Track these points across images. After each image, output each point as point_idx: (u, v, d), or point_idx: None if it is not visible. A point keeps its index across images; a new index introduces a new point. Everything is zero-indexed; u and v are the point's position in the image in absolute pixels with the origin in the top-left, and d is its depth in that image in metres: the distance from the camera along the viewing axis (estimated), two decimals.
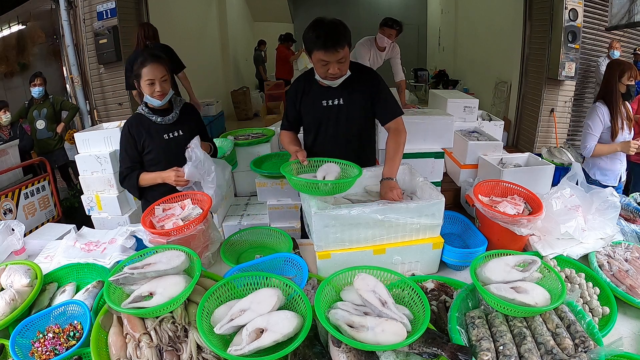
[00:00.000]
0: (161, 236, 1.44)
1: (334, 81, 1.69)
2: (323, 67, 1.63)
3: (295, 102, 1.85)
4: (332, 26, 1.58)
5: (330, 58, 1.59)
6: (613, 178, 2.55)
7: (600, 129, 2.42)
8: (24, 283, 1.32)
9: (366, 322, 0.98)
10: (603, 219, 1.52)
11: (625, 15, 4.07)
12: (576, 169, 1.79)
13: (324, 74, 1.66)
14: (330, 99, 1.80)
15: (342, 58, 1.61)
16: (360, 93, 1.80)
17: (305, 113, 1.86)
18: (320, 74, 1.68)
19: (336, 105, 1.80)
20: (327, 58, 1.59)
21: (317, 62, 1.63)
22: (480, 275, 1.15)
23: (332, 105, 1.80)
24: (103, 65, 4.16)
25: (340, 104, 1.80)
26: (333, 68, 1.62)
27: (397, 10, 9.92)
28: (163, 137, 1.82)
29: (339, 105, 1.80)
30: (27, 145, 3.94)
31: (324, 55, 1.58)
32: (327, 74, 1.65)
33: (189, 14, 6.58)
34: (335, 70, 1.62)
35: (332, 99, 1.80)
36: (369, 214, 1.34)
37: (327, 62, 1.61)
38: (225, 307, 1.08)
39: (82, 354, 1.09)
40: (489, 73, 6.11)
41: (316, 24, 1.60)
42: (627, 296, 1.26)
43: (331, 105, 1.80)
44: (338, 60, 1.60)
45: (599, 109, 2.42)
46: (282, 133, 1.94)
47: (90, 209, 2.88)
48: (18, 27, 5.58)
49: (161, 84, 1.72)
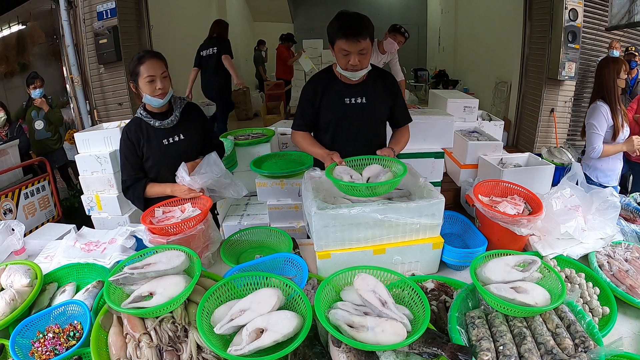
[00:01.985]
0: (161, 236, 1.44)
1: (354, 73, 1.69)
2: (344, 58, 1.65)
3: (314, 100, 1.82)
4: (355, 17, 1.61)
5: (352, 48, 1.60)
6: (614, 178, 2.55)
7: (604, 128, 2.38)
8: (24, 283, 1.32)
9: (366, 322, 0.98)
10: (603, 219, 1.52)
11: (625, 15, 4.07)
12: (576, 169, 1.79)
13: (344, 65, 1.67)
14: (352, 96, 1.80)
15: (364, 49, 1.62)
16: (382, 94, 1.83)
17: (325, 111, 1.84)
18: (341, 65, 1.68)
19: (359, 104, 1.80)
20: (349, 48, 1.60)
21: (339, 51, 1.64)
22: (480, 275, 1.15)
23: (355, 103, 1.80)
24: (103, 65, 4.16)
25: (363, 103, 1.80)
26: (354, 59, 1.63)
27: (397, 10, 9.94)
28: (162, 142, 1.74)
29: (361, 104, 1.80)
30: (24, 146, 3.93)
31: (345, 44, 1.60)
32: (348, 65, 1.66)
33: (189, 14, 6.58)
34: (355, 61, 1.63)
35: (354, 97, 1.79)
36: (369, 214, 1.33)
37: (348, 53, 1.62)
38: (225, 307, 1.08)
39: (82, 354, 1.09)
40: (489, 73, 6.12)
41: (340, 15, 1.63)
42: (627, 296, 1.26)
43: (354, 103, 1.80)
44: (359, 52, 1.62)
45: (602, 108, 2.38)
46: (297, 134, 1.89)
47: (90, 209, 2.88)
48: (18, 27, 5.58)
49: (162, 80, 1.63)
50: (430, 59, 10.22)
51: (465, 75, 7.66)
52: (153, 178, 1.78)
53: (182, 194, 1.67)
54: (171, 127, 1.75)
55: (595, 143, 2.39)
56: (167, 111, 1.76)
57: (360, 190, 1.44)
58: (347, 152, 1.72)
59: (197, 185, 1.66)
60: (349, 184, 1.46)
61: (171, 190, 1.70)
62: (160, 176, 1.77)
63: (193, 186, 1.65)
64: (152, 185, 1.75)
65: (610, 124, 2.39)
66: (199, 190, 1.67)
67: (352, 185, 1.46)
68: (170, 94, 1.72)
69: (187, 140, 1.78)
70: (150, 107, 1.73)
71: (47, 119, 4.02)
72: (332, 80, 1.81)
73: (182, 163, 1.68)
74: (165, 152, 1.74)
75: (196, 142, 1.84)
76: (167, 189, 1.71)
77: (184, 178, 1.65)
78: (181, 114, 1.77)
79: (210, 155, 1.76)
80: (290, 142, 3.21)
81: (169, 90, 1.68)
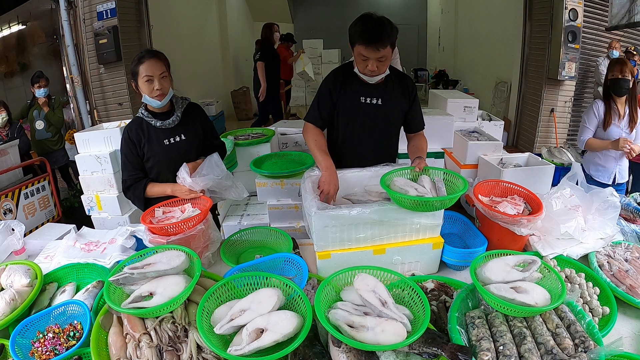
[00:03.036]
0: (161, 236, 1.44)
1: (371, 77, 1.68)
2: (362, 62, 1.63)
3: (333, 92, 1.80)
4: (379, 23, 1.57)
5: (370, 55, 1.59)
6: (607, 176, 2.66)
7: (594, 123, 2.58)
8: (24, 283, 1.32)
9: (366, 322, 0.98)
10: (603, 219, 1.52)
11: (626, 15, 4.07)
12: (576, 169, 1.79)
13: (362, 69, 1.66)
14: (369, 96, 1.78)
15: (383, 57, 1.60)
16: (399, 97, 1.81)
17: (341, 106, 1.81)
18: (359, 68, 1.68)
19: (374, 105, 1.78)
20: (367, 54, 1.59)
21: (358, 55, 1.63)
22: (480, 275, 1.15)
23: (371, 103, 1.78)
24: (103, 65, 4.16)
25: (379, 104, 1.78)
26: (372, 65, 1.62)
27: (397, 10, 9.94)
28: (163, 142, 1.73)
29: (377, 105, 1.79)
30: (24, 146, 3.92)
31: (364, 50, 1.58)
32: (366, 69, 1.65)
33: (189, 14, 6.58)
34: (374, 67, 1.62)
35: (371, 97, 1.78)
36: (368, 214, 1.33)
37: (366, 58, 1.61)
38: (225, 307, 1.08)
39: (82, 354, 1.09)
40: (489, 73, 6.12)
41: (364, 18, 1.60)
42: (627, 296, 1.26)
43: (369, 103, 1.78)
44: (378, 59, 1.60)
45: (595, 105, 2.60)
46: (309, 128, 1.82)
47: (90, 209, 2.88)
48: (18, 27, 5.58)
49: (160, 81, 1.61)
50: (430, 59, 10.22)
51: (465, 75, 7.66)
52: (154, 178, 1.78)
53: (183, 194, 1.67)
54: (172, 127, 1.74)
55: (581, 135, 2.65)
56: (169, 111, 1.76)
57: (434, 204, 1.35)
58: (355, 151, 1.72)
59: (198, 187, 1.66)
60: (420, 198, 1.33)
61: (172, 190, 1.69)
62: (161, 176, 1.77)
63: (194, 187, 1.65)
64: (152, 185, 1.74)
65: (601, 119, 2.57)
66: (199, 192, 1.67)
67: (425, 200, 1.33)
68: (170, 95, 1.70)
69: (188, 140, 1.78)
70: (151, 107, 1.72)
71: (47, 120, 4.02)
72: (352, 76, 1.78)
73: (183, 164, 1.68)
74: (166, 152, 1.74)
75: (197, 143, 1.83)
76: (168, 189, 1.71)
77: (185, 179, 1.65)
78: (182, 114, 1.77)
79: (212, 157, 1.76)
80: (290, 142, 3.21)
81: (168, 91, 1.67)
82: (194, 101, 1.89)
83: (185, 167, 1.67)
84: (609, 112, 2.53)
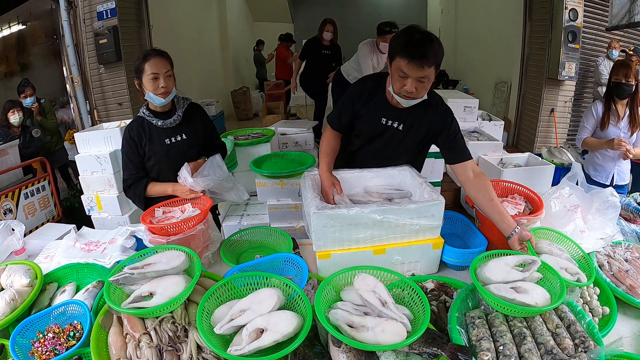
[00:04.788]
0: (161, 236, 1.44)
1: (406, 100, 1.48)
2: (400, 80, 1.43)
3: (356, 103, 1.64)
4: (426, 38, 1.38)
5: (412, 72, 1.39)
6: (604, 176, 2.68)
7: (592, 123, 2.62)
8: (24, 283, 1.32)
9: (366, 322, 0.98)
10: (603, 219, 1.52)
11: (626, 15, 4.07)
12: (576, 169, 1.79)
13: (398, 88, 1.46)
14: (390, 119, 1.62)
15: (424, 78, 1.41)
16: (424, 126, 1.62)
17: (361, 119, 1.67)
18: (395, 87, 1.47)
19: (394, 128, 1.62)
20: (408, 71, 1.39)
21: (396, 71, 1.42)
22: (480, 275, 1.15)
23: (390, 126, 1.62)
24: (103, 65, 4.15)
25: (399, 129, 1.62)
26: (410, 85, 1.42)
27: (397, 10, 9.94)
28: (164, 142, 1.73)
29: (396, 130, 1.63)
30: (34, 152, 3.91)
31: (406, 66, 1.38)
32: (402, 89, 1.44)
33: (189, 14, 6.58)
34: (412, 88, 1.42)
35: (392, 119, 1.62)
36: (367, 215, 1.33)
37: (406, 76, 1.41)
38: (225, 307, 1.08)
39: (82, 354, 1.08)
40: (489, 73, 6.12)
41: (410, 30, 1.40)
42: (627, 296, 1.26)
43: (389, 126, 1.62)
44: (419, 79, 1.41)
45: (594, 105, 2.63)
46: (328, 131, 1.73)
47: (90, 209, 2.88)
48: (18, 27, 5.58)
49: (165, 79, 1.63)
50: None
51: (465, 75, 7.66)
52: (154, 177, 1.78)
53: (183, 194, 1.67)
54: (173, 126, 1.75)
55: (579, 134, 2.71)
56: (170, 111, 1.77)
57: None
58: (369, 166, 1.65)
59: (199, 187, 1.66)
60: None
61: (172, 189, 1.70)
62: (162, 175, 1.77)
63: (195, 188, 1.65)
64: (153, 185, 1.75)
65: (599, 120, 2.60)
66: (200, 192, 1.67)
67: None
68: (174, 94, 1.71)
69: (189, 140, 1.78)
70: (153, 106, 1.73)
71: (42, 127, 4.02)
72: (380, 90, 1.61)
73: (185, 163, 1.69)
74: (167, 151, 1.74)
75: (198, 143, 1.84)
76: (169, 189, 1.71)
77: (187, 179, 1.65)
78: (184, 114, 1.77)
79: (215, 158, 1.76)
80: (290, 142, 3.21)
81: (172, 89, 1.68)
82: (194, 101, 1.89)
83: (187, 166, 1.67)
84: (607, 112, 2.55)
